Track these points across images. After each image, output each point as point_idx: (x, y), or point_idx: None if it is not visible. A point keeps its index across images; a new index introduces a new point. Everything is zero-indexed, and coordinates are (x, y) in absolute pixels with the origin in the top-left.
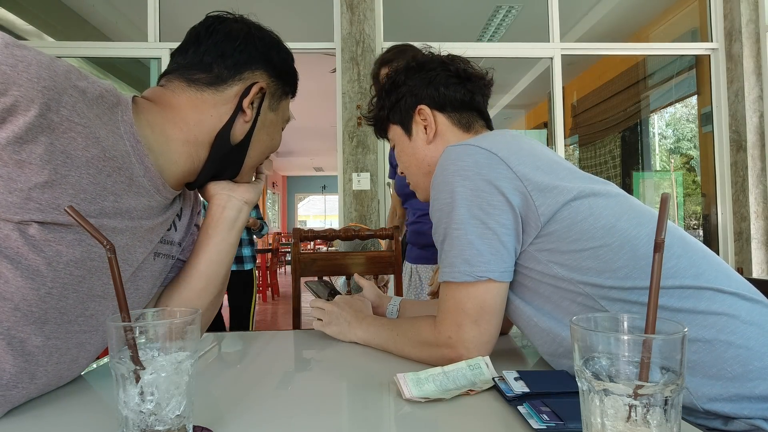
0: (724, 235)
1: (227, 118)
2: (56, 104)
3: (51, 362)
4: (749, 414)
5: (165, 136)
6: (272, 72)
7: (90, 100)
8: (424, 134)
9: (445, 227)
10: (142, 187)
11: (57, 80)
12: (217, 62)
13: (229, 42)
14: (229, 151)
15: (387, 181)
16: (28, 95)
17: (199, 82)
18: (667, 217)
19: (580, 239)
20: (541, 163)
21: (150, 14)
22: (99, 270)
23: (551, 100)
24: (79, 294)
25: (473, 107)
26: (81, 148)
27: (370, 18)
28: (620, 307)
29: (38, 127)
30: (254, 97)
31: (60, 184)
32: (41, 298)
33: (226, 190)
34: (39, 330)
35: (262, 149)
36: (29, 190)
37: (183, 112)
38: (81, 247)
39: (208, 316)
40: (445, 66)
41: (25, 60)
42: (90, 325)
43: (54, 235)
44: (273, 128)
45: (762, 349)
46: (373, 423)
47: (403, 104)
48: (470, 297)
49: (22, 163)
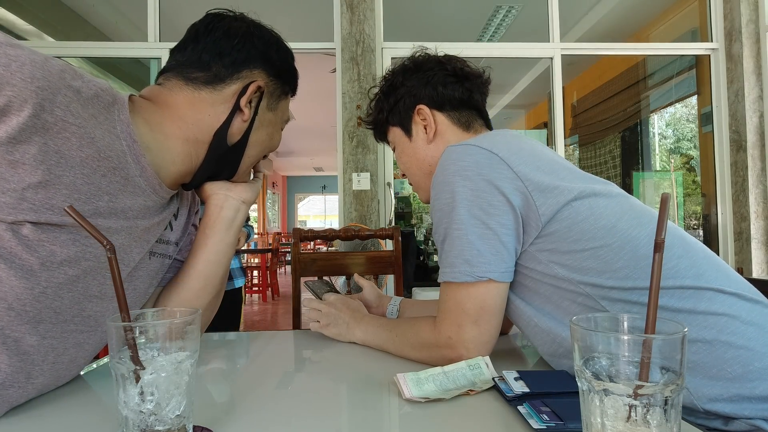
0: (724, 235)
1: (225, 117)
2: (50, 104)
3: (47, 362)
4: (749, 414)
5: (163, 134)
6: (271, 71)
7: (85, 100)
8: (424, 134)
9: (446, 227)
10: (138, 187)
11: (51, 80)
12: (215, 60)
13: (228, 40)
14: (226, 151)
15: (387, 181)
16: (22, 95)
17: (197, 80)
18: (667, 217)
19: (581, 239)
20: (541, 163)
21: (150, 14)
22: (94, 270)
23: (551, 100)
24: (74, 294)
25: (472, 106)
26: (75, 148)
27: (370, 18)
28: (621, 307)
29: (32, 127)
30: (252, 96)
31: (54, 185)
32: (35, 297)
33: (223, 190)
34: (34, 329)
35: (260, 149)
36: (22, 191)
37: (180, 110)
38: (75, 246)
39: (207, 316)
40: (442, 65)
41: (19, 59)
42: (87, 325)
43: (47, 235)
44: (272, 128)
45: (762, 349)
46: (373, 423)
47: (402, 105)
48: (470, 297)
49: (16, 163)
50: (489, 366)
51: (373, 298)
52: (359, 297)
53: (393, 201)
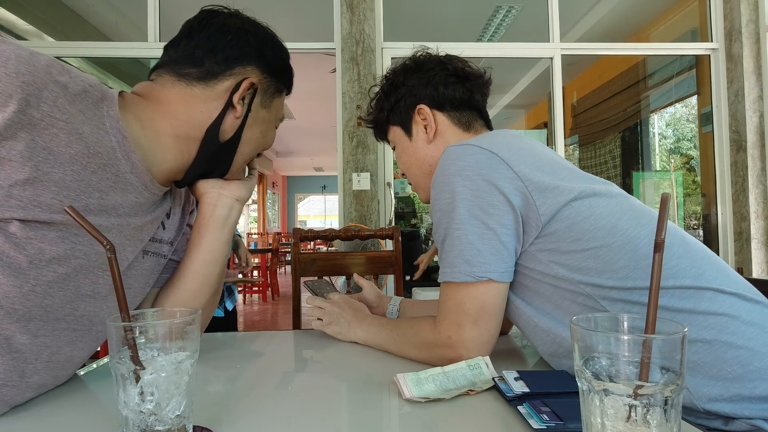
0: (724, 235)
1: (217, 114)
2: (36, 99)
3: (41, 360)
4: (749, 414)
5: (154, 131)
6: (265, 68)
7: (72, 96)
8: (425, 134)
9: (446, 227)
10: (129, 184)
11: (37, 75)
12: (208, 57)
13: (221, 36)
14: (218, 148)
15: (387, 181)
16: (6, 90)
17: (189, 76)
18: (667, 217)
19: (581, 239)
20: (541, 163)
21: (150, 14)
22: (85, 268)
23: (551, 100)
24: (66, 293)
25: (472, 106)
26: (63, 145)
27: (370, 18)
28: (621, 307)
29: (17, 123)
30: (244, 92)
31: (42, 181)
32: (24, 295)
33: (216, 188)
34: (24, 328)
35: (253, 146)
36: (9, 188)
37: (172, 106)
38: (65, 244)
39: (205, 316)
40: (443, 65)
41: (3, 55)
42: (81, 324)
43: (36, 233)
44: (265, 125)
45: (762, 349)
46: (373, 423)
47: (403, 105)
48: (470, 297)
49: (2, 160)
50: (489, 366)
51: (373, 298)
52: (359, 297)
53: (393, 201)
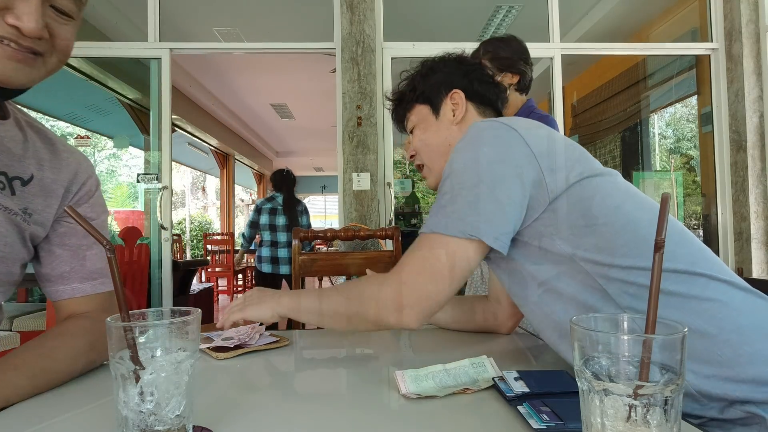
0: (724, 235)
1: None
2: None
3: None
4: (741, 396)
5: None
6: None
7: None
8: (452, 116)
9: (452, 184)
10: None
11: None
12: None
13: None
14: None
15: (387, 181)
16: None
17: None
18: (667, 217)
19: (586, 215)
20: (556, 145)
21: (150, 14)
22: None
23: (551, 100)
24: None
25: (495, 109)
26: None
27: (370, 18)
28: (618, 286)
29: None
30: None
31: None
32: None
33: None
34: None
35: None
36: None
37: None
38: None
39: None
40: (482, 67)
41: None
42: None
43: None
44: None
45: (753, 335)
46: (373, 423)
47: (437, 86)
48: (449, 252)
49: None
50: (493, 365)
51: None
52: None
53: (393, 201)
